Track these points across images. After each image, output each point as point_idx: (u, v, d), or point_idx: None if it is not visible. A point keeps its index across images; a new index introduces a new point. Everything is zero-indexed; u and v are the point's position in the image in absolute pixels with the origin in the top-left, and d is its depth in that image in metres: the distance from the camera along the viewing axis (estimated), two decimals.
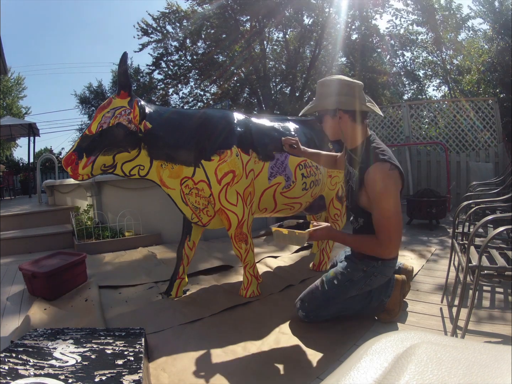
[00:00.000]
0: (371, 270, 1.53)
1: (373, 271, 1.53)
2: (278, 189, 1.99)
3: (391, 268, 1.58)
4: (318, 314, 1.60)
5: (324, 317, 1.61)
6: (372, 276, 1.54)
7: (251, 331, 1.59)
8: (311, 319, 1.61)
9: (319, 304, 1.58)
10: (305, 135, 2.15)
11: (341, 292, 1.56)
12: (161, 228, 3.45)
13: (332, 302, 1.57)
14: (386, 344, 0.37)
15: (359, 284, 1.55)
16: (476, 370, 0.30)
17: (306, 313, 1.60)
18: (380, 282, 1.58)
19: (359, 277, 1.54)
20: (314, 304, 1.59)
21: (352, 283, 1.55)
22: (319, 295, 1.58)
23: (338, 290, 1.56)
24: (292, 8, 9.41)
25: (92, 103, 17.22)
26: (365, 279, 1.54)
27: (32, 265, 2.16)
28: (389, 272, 1.58)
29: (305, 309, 1.60)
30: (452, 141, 5.27)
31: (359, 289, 1.57)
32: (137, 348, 1.20)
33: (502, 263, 1.46)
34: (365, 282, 1.55)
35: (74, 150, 1.65)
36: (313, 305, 1.59)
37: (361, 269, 1.54)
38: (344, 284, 1.56)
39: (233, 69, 10.46)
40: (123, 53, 1.71)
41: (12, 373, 0.97)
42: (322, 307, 1.58)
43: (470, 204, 2.15)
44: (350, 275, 1.56)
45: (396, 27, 10.43)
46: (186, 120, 1.86)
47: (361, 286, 1.56)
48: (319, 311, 1.59)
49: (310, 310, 1.59)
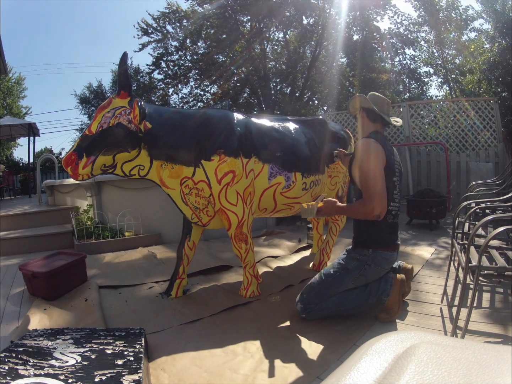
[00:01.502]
0: (363, 258, 1.61)
1: (365, 260, 1.61)
2: (278, 189, 1.99)
3: (385, 260, 1.62)
4: (315, 307, 1.62)
5: (322, 310, 1.63)
6: (366, 265, 1.60)
7: (251, 331, 1.59)
8: (309, 313, 1.63)
9: (315, 293, 1.62)
10: (305, 135, 2.15)
11: (337, 281, 1.62)
12: (161, 228, 3.45)
13: (328, 292, 1.61)
14: (386, 344, 0.37)
15: (354, 273, 1.61)
16: (476, 370, 0.30)
17: (304, 305, 1.63)
18: (375, 273, 1.63)
19: (353, 265, 1.62)
20: (311, 294, 1.63)
21: (347, 272, 1.62)
22: (316, 284, 1.65)
23: (334, 278, 1.63)
24: (292, 8, 9.41)
25: (92, 103, 17.22)
26: (359, 268, 1.61)
27: (32, 265, 2.16)
28: (384, 263, 1.63)
29: (303, 301, 1.64)
30: (452, 141, 5.27)
31: (354, 279, 1.61)
32: (137, 348, 1.20)
33: (502, 263, 1.46)
34: (359, 272, 1.61)
35: (74, 150, 1.65)
36: (310, 296, 1.63)
37: (354, 257, 1.63)
38: (340, 273, 1.63)
39: (233, 69, 10.47)
40: (123, 53, 1.71)
41: (12, 373, 0.97)
42: (318, 297, 1.61)
43: (470, 203, 2.15)
44: (345, 264, 1.64)
45: (397, 25, 10.43)
46: (186, 120, 1.86)
47: (355, 275, 1.61)
48: (316, 302, 1.61)
49: (307, 302, 1.63)
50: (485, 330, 1.49)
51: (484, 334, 1.47)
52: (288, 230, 3.76)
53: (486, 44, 10.03)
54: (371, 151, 1.56)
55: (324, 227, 2.75)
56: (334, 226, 2.44)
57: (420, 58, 11.78)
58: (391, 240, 1.65)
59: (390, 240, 1.65)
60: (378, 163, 1.56)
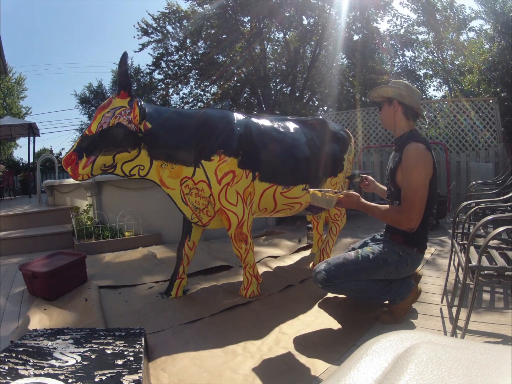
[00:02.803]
0: (405, 257, 1.58)
1: (407, 258, 1.57)
2: (278, 189, 1.99)
3: (419, 262, 1.63)
4: (339, 284, 1.57)
5: (343, 290, 1.60)
6: (405, 263, 1.58)
7: (251, 331, 1.59)
8: (328, 286, 1.59)
9: (346, 271, 1.56)
10: (305, 135, 2.15)
11: (372, 268, 1.56)
12: (161, 228, 3.45)
13: (358, 275, 1.56)
14: (386, 344, 0.37)
15: (391, 267, 1.57)
16: (476, 370, 0.30)
17: (328, 276, 1.56)
18: (407, 272, 1.62)
19: (393, 259, 1.57)
20: (341, 270, 1.56)
21: (386, 263, 1.57)
22: (350, 263, 1.57)
23: (370, 265, 1.56)
24: (292, 8, 9.41)
25: (92, 103, 17.22)
26: (398, 264, 1.57)
27: (32, 265, 2.16)
28: (417, 265, 1.64)
29: (329, 272, 1.56)
30: (452, 141, 5.27)
31: (388, 273, 1.58)
32: (137, 348, 1.20)
33: (502, 263, 1.46)
34: (396, 267, 1.57)
35: (74, 150, 1.65)
36: (340, 271, 1.56)
37: (397, 252, 1.58)
38: (378, 262, 1.57)
39: (233, 69, 10.47)
40: (123, 53, 1.71)
41: (12, 373, 0.97)
42: (347, 276, 1.56)
43: (470, 203, 2.15)
44: (386, 255, 1.58)
45: (396, 26, 10.43)
46: (186, 120, 1.86)
47: (391, 269, 1.57)
48: (342, 280, 1.56)
49: (333, 275, 1.56)
50: (485, 330, 1.49)
51: (484, 334, 1.47)
52: (288, 230, 3.76)
53: (486, 45, 10.04)
54: (421, 160, 1.51)
55: (324, 227, 2.75)
56: (334, 226, 2.44)
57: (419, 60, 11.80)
58: (426, 243, 1.67)
59: (426, 243, 1.66)
60: (427, 175, 1.51)
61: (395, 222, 1.52)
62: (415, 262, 1.61)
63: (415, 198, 1.47)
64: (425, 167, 1.51)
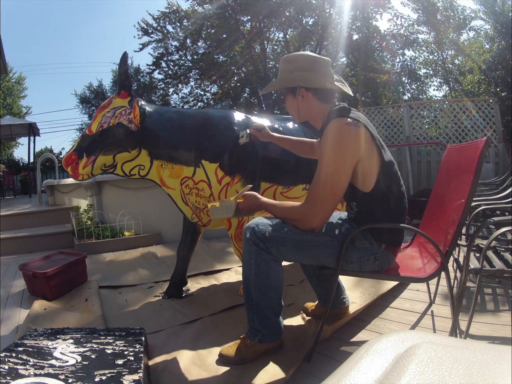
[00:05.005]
0: (375, 250, 1.26)
1: (376, 252, 1.25)
2: (278, 189, 1.99)
3: (390, 262, 1.30)
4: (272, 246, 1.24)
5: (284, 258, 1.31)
6: (373, 257, 1.25)
7: None
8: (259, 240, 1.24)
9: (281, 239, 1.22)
10: (305, 135, 2.15)
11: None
12: (161, 228, 3.45)
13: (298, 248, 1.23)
14: (386, 344, 0.37)
15: (363, 254, 1.23)
16: (476, 370, 0.30)
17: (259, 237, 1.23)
18: (371, 267, 1.26)
19: (363, 246, 1.24)
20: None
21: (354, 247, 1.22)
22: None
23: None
24: (292, 8, 9.41)
25: (92, 103, 17.25)
26: (368, 253, 1.24)
27: (32, 265, 2.16)
28: (391, 262, 1.31)
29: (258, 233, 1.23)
30: (453, 141, 5.27)
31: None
32: (137, 348, 1.20)
33: (500, 266, 1.46)
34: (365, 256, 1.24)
35: (74, 150, 1.65)
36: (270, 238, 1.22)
37: (368, 239, 1.25)
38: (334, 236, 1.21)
39: (233, 69, 10.48)
40: (124, 53, 1.71)
41: (12, 373, 0.97)
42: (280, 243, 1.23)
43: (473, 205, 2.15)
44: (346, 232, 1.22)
45: (397, 26, 10.44)
46: (187, 120, 1.86)
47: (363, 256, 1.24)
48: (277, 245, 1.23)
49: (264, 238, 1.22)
50: (485, 330, 1.49)
51: (484, 334, 1.47)
52: None
53: (486, 45, 10.04)
54: (339, 139, 1.12)
55: None
56: None
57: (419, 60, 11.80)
58: (399, 242, 1.41)
59: (399, 242, 1.41)
60: (349, 158, 1.12)
61: (295, 220, 1.19)
62: (387, 259, 1.27)
63: (322, 189, 1.12)
64: (344, 148, 1.11)
